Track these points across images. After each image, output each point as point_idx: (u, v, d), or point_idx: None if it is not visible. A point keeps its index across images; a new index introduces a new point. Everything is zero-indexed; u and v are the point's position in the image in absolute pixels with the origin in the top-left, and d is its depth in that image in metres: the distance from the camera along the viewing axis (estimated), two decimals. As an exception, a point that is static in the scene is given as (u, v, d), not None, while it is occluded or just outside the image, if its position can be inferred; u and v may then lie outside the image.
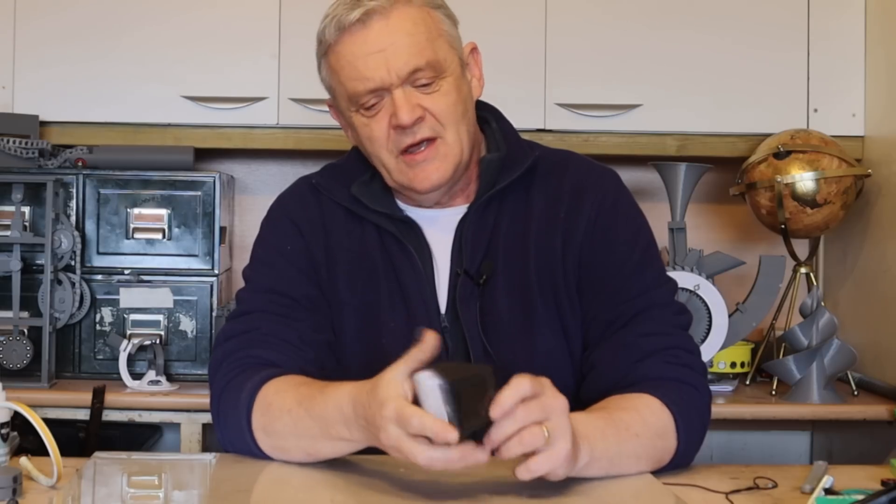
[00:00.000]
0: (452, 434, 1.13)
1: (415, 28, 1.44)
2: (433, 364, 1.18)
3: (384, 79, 1.42)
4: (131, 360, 2.34)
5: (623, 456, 1.31)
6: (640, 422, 1.34)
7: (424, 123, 1.44)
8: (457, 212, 1.54)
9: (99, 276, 2.40)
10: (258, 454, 1.39)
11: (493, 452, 1.18)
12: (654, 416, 1.36)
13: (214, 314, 2.39)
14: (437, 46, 1.45)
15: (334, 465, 1.35)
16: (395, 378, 1.19)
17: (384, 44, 1.42)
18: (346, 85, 1.45)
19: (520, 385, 1.16)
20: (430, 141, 1.46)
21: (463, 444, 1.15)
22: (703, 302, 2.32)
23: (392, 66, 1.42)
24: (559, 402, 1.19)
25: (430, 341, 1.20)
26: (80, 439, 2.24)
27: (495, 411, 1.15)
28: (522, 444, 1.16)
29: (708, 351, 2.32)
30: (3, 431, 1.32)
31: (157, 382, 2.30)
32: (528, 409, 1.16)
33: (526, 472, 1.17)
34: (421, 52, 1.43)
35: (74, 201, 2.39)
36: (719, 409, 2.27)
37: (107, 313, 2.39)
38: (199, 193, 2.41)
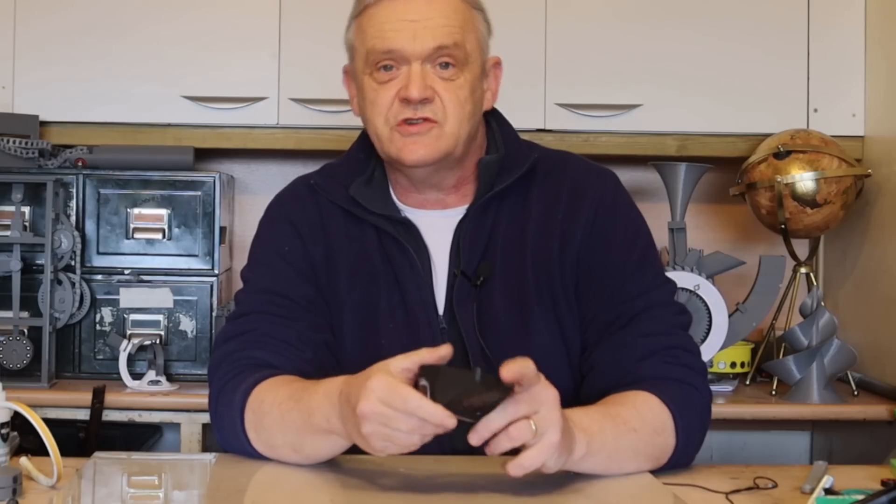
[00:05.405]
0: (451, 420, 1.13)
1: (454, 14, 1.46)
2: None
3: (406, 46, 1.43)
4: (131, 360, 2.34)
5: (621, 450, 1.31)
6: (637, 417, 1.34)
7: (430, 105, 1.45)
8: (455, 213, 1.54)
9: (99, 276, 2.40)
10: (253, 454, 1.39)
11: (483, 448, 1.17)
12: (651, 412, 1.36)
13: (214, 314, 2.39)
14: (468, 38, 1.47)
15: (333, 464, 1.35)
16: (391, 362, 1.19)
17: (420, 16, 1.44)
18: (368, 42, 1.46)
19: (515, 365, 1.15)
20: (428, 121, 1.45)
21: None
22: (703, 302, 2.32)
23: (419, 37, 1.43)
24: (549, 393, 1.19)
25: (443, 349, 1.18)
26: (80, 439, 2.24)
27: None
28: (510, 438, 1.16)
29: (708, 351, 2.32)
30: (3, 431, 1.32)
31: (157, 382, 2.30)
32: (516, 403, 1.16)
33: (517, 468, 1.17)
34: (451, 34, 1.44)
35: (74, 201, 2.39)
36: (719, 409, 2.27)
37: (107, 313, 2.39)
38: (199, 193, 2.41)
